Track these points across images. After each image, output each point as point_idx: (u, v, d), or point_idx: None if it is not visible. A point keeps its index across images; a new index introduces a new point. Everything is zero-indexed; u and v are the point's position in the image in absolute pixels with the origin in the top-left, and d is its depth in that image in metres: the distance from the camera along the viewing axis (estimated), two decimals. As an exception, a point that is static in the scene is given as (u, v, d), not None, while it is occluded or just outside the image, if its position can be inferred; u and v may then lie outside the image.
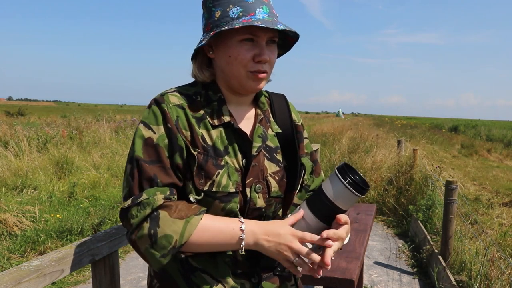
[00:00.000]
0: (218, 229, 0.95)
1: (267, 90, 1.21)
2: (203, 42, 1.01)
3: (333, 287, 1.95)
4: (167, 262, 0.94)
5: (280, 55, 1.15)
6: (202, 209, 0.97)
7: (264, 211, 1.06)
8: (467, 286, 3.18)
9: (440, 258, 3.71)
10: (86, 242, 1.45)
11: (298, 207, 1.02)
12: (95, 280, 1.53)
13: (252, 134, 1.08)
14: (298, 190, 1.11)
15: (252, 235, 0.95)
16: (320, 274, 0.95)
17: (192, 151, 0.99)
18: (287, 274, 1.14)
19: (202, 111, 1.04)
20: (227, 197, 0.99)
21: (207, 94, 1.07)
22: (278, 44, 1.11)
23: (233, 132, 1.05)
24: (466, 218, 4.48)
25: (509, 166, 13.68)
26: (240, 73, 1.01)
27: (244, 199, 1.02)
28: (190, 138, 1.00)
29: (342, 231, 0.97)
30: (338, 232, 0.96)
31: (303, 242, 0.95)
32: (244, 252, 0.97)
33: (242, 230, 0.95)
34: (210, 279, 1.02)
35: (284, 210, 1.13)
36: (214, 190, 0.98)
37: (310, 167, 1.18)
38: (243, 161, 1.04)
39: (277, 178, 1.08)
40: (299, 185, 1.11)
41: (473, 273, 3.25)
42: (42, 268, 1.23)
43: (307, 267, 0.95)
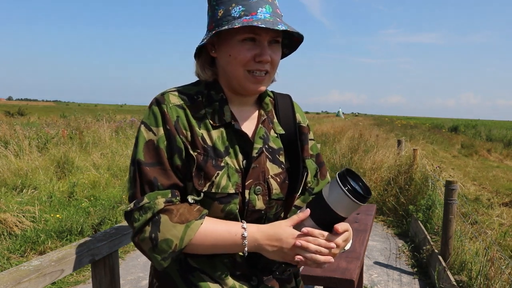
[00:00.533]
0: (220, 235, 0.96)
1: (273, 90, 1.19)
2: (205, 41, 1.01)
3: (333, 287, 1.95)
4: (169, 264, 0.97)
5: (286, 55, 1.14)
6: (203, 212, 0.97)
7: (264, 213, 1.05)
8: (467, 286, 3.18)
9: (440, 258, 3.71)
10: (86, 242, 1.45)
11: (299, 211, 1.01)
12: (95, 280, 1.53)
13: (253, 135, 1.07)
14: (301, 193, 1.10)
15: (254, 241, 0.96)
16: (329, 262, 0.97)
17: (191, 152, 0.98)
18: (287, 277, 1.13)
19: (203, 111, 1.03)
20: (227, 198, 0.99)
21: (209, 93, 1.06)
22: (284, 43, 1.10)
23: (234, 133, 1.04)
24: (466, 218, 4.48)
25: (509, 166, 13.68)
26: (239, 73, 1.01)
27: (243, 201, 1.01)
28: (190, 139, 0.99)
29: (339, 240, 0.97)
30: (333, 239, 0.96)
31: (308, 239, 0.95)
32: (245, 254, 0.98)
33: (244, 237, 0.95)
34: (208, 280, 1.02)
35: (285, 213, 1.11)
36: (213, 191, 0.98)
37: (314, 170, 1.16)
38: (244, 162, 1.03)
39: (279, 180, 1.07)
40: (302, 187, 1.09)
41: (473, 273, 3.25)
42: (42, 268, 1.23)
43: (314, 266, 0.96)
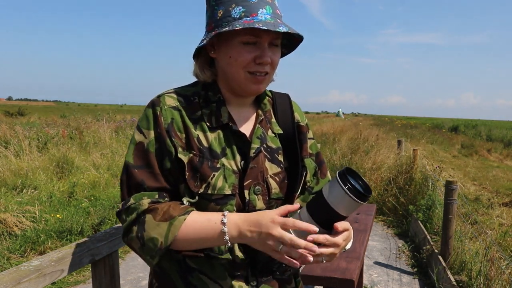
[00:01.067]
0: (201, 225, 0.93)
1: (271, 89, 1.19)
2: (204, 42, 1.00)
3: (333, 287, 1.95)
4: (165, 262, 0.99)
5: (285, 54, 1.13)
6: (189, 209, 0.96)
7: None
8: (467, 286, 3.18)
9: (440, 258, 3.71)
10: (86, 242, 1.45)
11: (299, 211, 0.98)
12: (95, 280, 1.53)
13: (251, 135, 1.07)
14: (300, 192, 1.10)
15: (235, 228, 0.92)
16: (310, 259, 0.89)
17: (179, 156, 0.97)
18: (287, 277, 1.12)
19: (200, 113, 1.03)
20: (223, 199, 0.98)
21: (207, 94, 1.06)
22: (283, 43, 1.09)
23: (232, 133, 1.04)
24: (466, 218, 4.48)
25: (509, 166, 13.67)
26: (239, 74, 1.00)
27: (242, 201, 1.01)
28: (185, 140, 0.99)
29: (339, 238, 0.93)
30: (334, 239, 0.92)
31: (287, 229, 0.89)
32: (230, 244, 0.93)
33: (223, 224, 0.92)
34: (207, 280, 1.02)
35: None
36: (209, 192, 0.97)
37: (313, 169, 1.16)
38: (242, 163, 1.02)
39: (278, 179, 1.06)
40: (301, 187, 1.09)
41: (473, 273, 3.25)
42: (42, 268, 1.23)
43: (296, 254, 0.88)
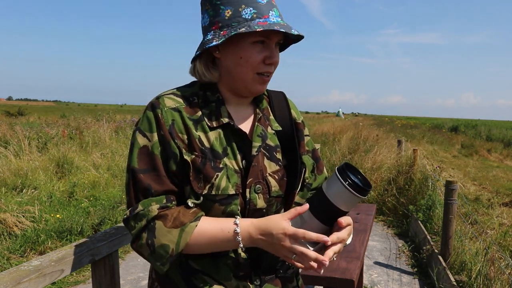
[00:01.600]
0: (214, 234, 0.95)
1: (267, 88, 1.19)
2: (216, 41, 0.97)
3: (333, 287, 1.95)
4: (170, 264, 0.97)
5: None
6: (199, 214, 0.96)
7: (265, 212, 1.05)
8: (467, 286, 3.18)
9: (440, 258, 3.71)
10: (86, 242, 1.45)
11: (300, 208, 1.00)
12: (95, 280, 1.53)
13: (251, 134, 1.07)
14: (299, 189, 1.10)
15: (247, 237, 0.94)
16: (321, 270, 0.91)
17: (185, 157, 0.97)
18: (289, 276, 1.13)
19: (200, 113, 1.02)
20: (227, 199, 0.98)
21: (205, 94, 1.05)
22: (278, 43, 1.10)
23: (232, 133, 1.04)
24: (466, 218, 4.48)
25: (509, 166, 13.67)
26: (248, 75, 1.01)
27: (244, 200, 1.01)
28: (187, 142, 0.99)
29: (344, 233, 0.95)
30: (340, 234, 0.94)
31: (297, 240, 0.91)
32: (244, 250, 0.97)
33: (236, 233, 0.94)
34: (211, 281, 1.02)
35: (285, 210, 1.11)
36: (213, 193, 0.97)
37: (311, 165, 1.17)
38: (243, 162, 1.03)
39: (277, 177, 1.07)
40: (300, 184, 1.10)
41: (473, 273, 3.25)
42: (42, 268, 1.23)
43: (307, 264, 0.91)
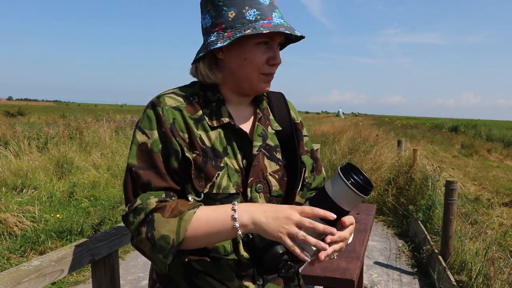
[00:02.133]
0: (211, 215, 0.92)
1: None
2: (221, 43, 0.97)
3: (333, 287, 1.95)
4: (172, 265, 0.95)
5: None
6: (198, 203, 0.95)
7: None
8: (467, 286, 3.18)
9: (440, 258, 3.71)
10: (86, 242, 1.45)
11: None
12: (95, 280, 1.54)
13: (251, 134, 1.08)
14: (299, 189, 1.11)
15: (246, 213, 0.90)
16: (322, 259, 0.89)
17: (187, 155, 0.97)
18: (291, 275, 1.13)
19: (200, 112, 1.03)
20: (228, 198, 0.99)
21: (206, 95, 1.06)
22: None
23: (232, 132, 1.04)
24: (466, 218, 4.48)
25: (509, 166, 13.67)
26: (253, 75, 1.02)
27: (245, 200, 1.01)
28: (188, 140, 0.99)
29: (346, 232, 0.96)
30: (342, 233, 0.94)
31: (306, 214, 0.89)
32: (242, 235, 0.90)
33: (234, 210, 0.91)
34: (214, 282, 1.01)
35: None
36: (214, 192, 0.97)
37: (310, 165, 1.18)
38: (244, 161, 1.03)
39: (277, 177, 1.07)
40: (300, 183, 1.10)
41: (473, 273, 3.25)
42: (42, 268, 1.23)
43: (312, 240, 0.87)
